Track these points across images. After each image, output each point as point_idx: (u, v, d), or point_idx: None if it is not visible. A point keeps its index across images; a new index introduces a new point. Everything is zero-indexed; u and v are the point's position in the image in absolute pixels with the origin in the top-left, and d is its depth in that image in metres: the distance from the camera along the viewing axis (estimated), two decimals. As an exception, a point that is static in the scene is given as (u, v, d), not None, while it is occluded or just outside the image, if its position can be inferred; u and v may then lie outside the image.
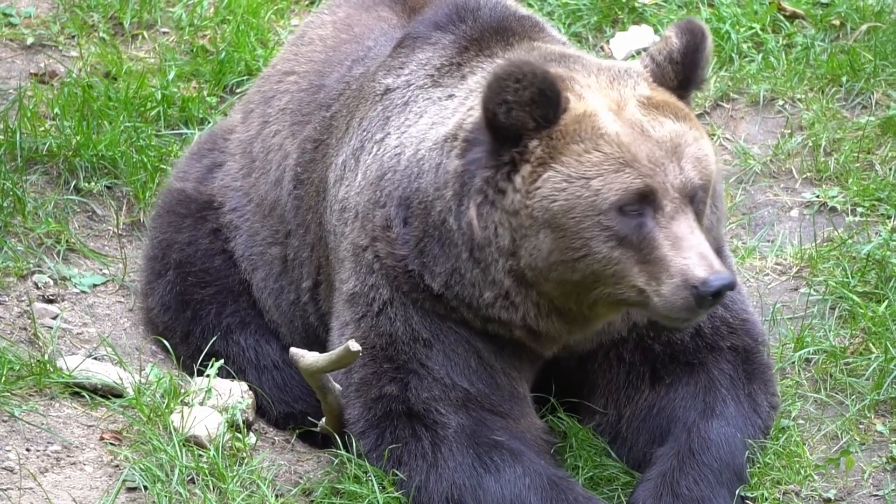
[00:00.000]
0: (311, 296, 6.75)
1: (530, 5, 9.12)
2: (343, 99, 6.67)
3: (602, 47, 9.16)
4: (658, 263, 5.77)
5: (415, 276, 6.08)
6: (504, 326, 6.11)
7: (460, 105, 6.11)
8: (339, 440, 6.22)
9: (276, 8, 9.28)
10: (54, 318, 7.11)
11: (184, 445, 6.18)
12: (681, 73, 6.08)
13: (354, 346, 5.93)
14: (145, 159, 8.03)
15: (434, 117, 6.15)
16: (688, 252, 5.76)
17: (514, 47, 6.24)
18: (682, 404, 6.29)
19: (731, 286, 5.79)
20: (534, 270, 5.87)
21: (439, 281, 6.05)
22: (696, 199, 5.87)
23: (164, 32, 9.17)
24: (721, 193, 6.40)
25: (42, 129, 8.06)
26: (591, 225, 5.78)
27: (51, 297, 7.30)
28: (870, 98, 8.57)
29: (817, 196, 8.01)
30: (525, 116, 5.78)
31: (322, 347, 6.35)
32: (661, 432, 6.30)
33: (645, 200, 5.78)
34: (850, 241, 7.51)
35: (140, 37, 9.11)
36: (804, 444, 6.45)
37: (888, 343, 6.77)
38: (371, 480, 6.07)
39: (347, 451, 6.15)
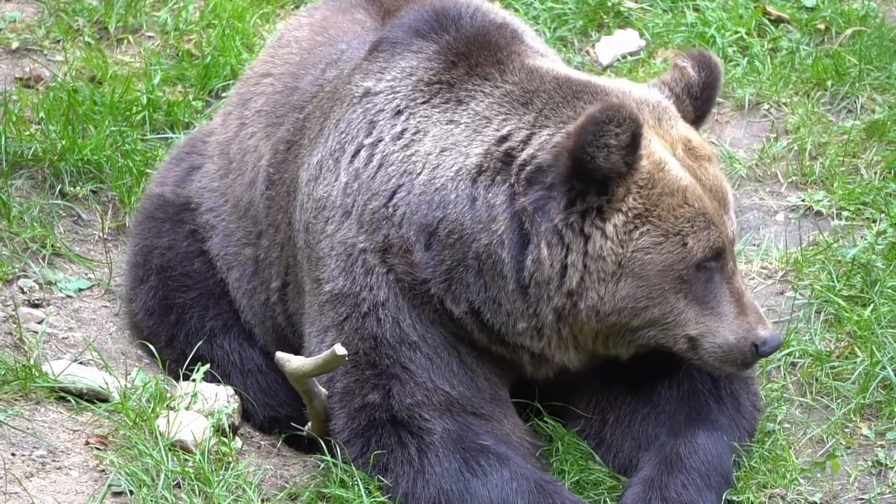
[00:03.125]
0: (279, 296, 6.74)
1: (516, 10, 9.12)
2: (316, 101, 6.64)
3: (588, 51, 9.17)
4: (720, 318, 5.98)
5: (433, 297, 6.10)
6: (515, 350, 6.15)
7: (474, 135, 6.06)
8: (324, 444, 6.21)
9: (261, 12, 9.28)
10: (40, 322, 7.09)
11: (170, 450, 6.17)
12: (699, 110, 6.25)
13: (340, 349, 5.92)
14: (131, 164, 8.02)
15: (441, 142, 6.10)
16: (749, 309, 6.02)
17: (506, 66, 6.16)
18: (666, 409, 6.29)
19: (780, 346, 6.15)
20: (593, 311, 5.92)
21: (463, 307, 6.07)
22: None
23: (150, 37, 9.15)
24: None
25: (27, 133, 8.04)
26: (672, 278, 5.90)
27: (36, 302, 7.28)
28: (855, 102, 8.58)
29: (803, 200, 8.02)
30: (620, 161, 5.81)
31: (290, 349, 6.33)
32: (647, 437, 6.30)
33: (716, 256, 5.96)
34: (835, 244, 7.52)
35: (125, 41, 9.09)
36: (790, 447, 6.46)
37: (873, 347, 6.78)
38: (357, 485, 6.06)
39: (333, 456, 6.14)
